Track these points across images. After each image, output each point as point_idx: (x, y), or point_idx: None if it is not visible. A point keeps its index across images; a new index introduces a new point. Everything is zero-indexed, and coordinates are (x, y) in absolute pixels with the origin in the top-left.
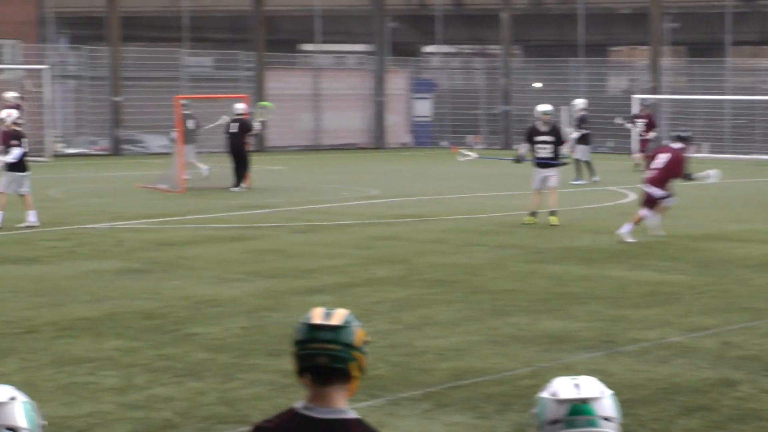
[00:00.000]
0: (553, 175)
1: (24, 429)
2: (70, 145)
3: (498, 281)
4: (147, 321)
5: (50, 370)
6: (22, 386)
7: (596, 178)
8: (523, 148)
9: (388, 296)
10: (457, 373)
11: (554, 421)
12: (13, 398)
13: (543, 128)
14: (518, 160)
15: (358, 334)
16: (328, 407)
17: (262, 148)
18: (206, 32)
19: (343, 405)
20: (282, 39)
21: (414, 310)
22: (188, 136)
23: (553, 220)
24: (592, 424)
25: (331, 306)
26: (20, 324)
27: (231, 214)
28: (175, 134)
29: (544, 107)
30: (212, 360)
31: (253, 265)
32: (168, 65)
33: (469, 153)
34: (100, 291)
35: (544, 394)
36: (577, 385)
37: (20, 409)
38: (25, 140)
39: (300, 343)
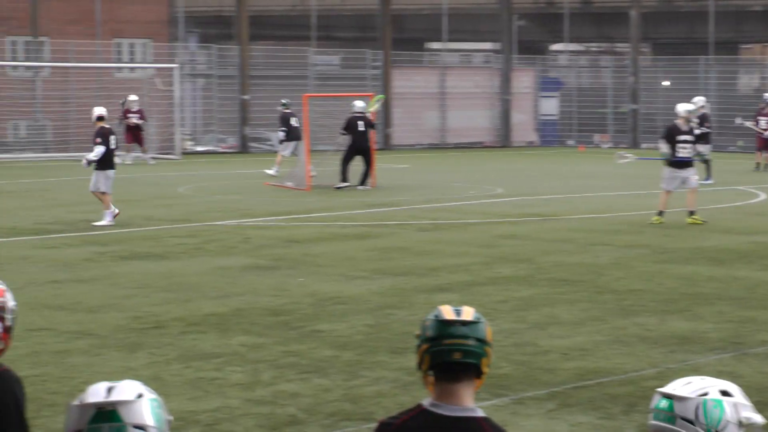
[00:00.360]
0: (693, 175)
1: (151, 427)
2: (198, 142)
3: (624, 281)
4: (273, 317)
5: (178, 365)
6: (150, 381)
7: (710, 180)
8: (665, 147)
9: (512, 295)
10: (582, 372)
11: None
12: (140, 395)
13: (684, 127)
14: (669, 159)
15: (488, 329)
16: (457, 405)
17: (387, 147)
18: (333, 31)
19: (471, 402)
20: (409, 37)
21: (539, 310)
22: (293, 134)
23: (693, 219)
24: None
25: (456, 304)
26: (149, 319)
27: (356, 211)
28: (282, 134)
29: (686, 106)
30: (337, 357)
31: (378, 262)
32: (295, 63)
33: (627, 155)
34: (227, 287)
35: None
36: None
37: (147, 406)
38: (113, 137)
39: (431, 340)
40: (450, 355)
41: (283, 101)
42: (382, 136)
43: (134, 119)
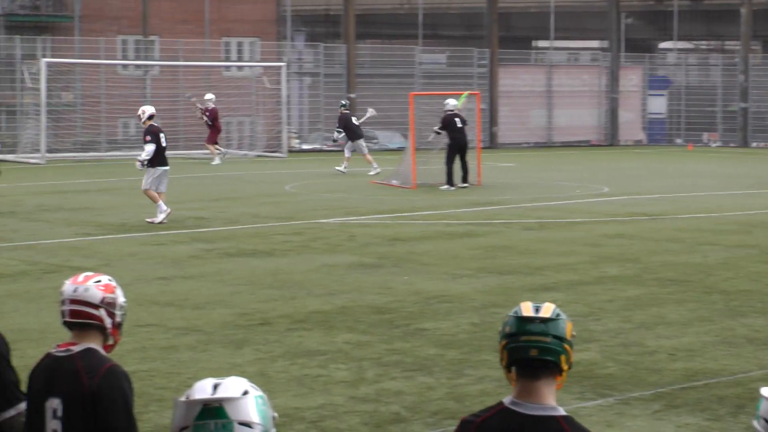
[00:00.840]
0: None
1: (257, 424)
2: (305, 141)
3: (733, 281)
4: (378, 315)
5: (283, 362)
6: (256, 377)
7: None
8: None
9: (619, 295)
10: (689, 373)
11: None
12: (245, 392)
13: None
14: None
15: (568, 326)
16: (538, 403)
17: (493, 145)
18: (440, 29)
19: (552, 401)
20: (515, 35)
21: (645, 309)
22: (354, 133)
23: None
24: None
25: (561, 304)
26: (255, 316)
27: (461, 210)
28: (338, 135)
29: None
30: (441, 355)
31: (483, 261)
32: (402, 62)
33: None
34: (332, 285)
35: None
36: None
37: (253, 403)
38: (162, 135)
39: (510, 336)
40: (527, 352)
41: (343, 102)
42: (487, 134)
43: (204, 119)
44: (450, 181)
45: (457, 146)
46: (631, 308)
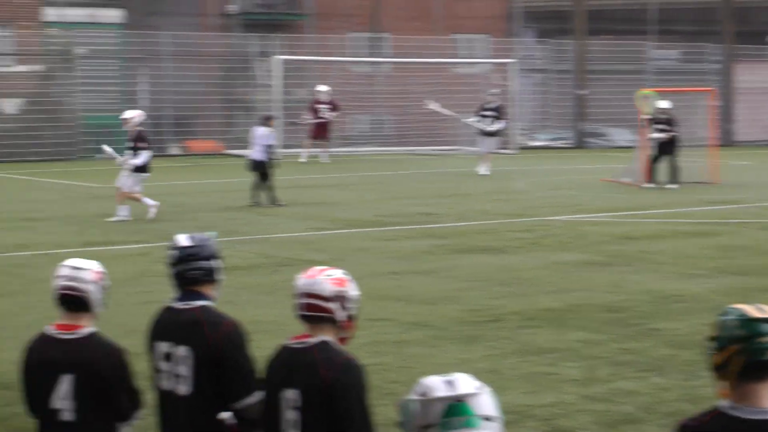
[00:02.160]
0: None
1: (496, 418)
2: (533, 137)
3: None
4: (609, 314)
5: (514, 359)
6: (486, 374)
7: None
8: None
9: None
10: None
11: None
12: (481, 388)
13: None
14: None
15: None
16: (758, 407)
17: (728, 143)
18: (673, 24)
19: None
20: (752, 30)
21: None
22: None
23: None
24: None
25: None
26: (486, 312)
27: (695, 209)
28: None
29: None
30: (675, 356)
31: (719, 261)
32: (633, 58)
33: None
34: (562, 282)
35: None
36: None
37: (489, 398)
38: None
39: (743, 340)
40: (764, 354)
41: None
42: (723, 131)
43: (325, 112)
44: (657, 179)
45: (665, 145)
46: None
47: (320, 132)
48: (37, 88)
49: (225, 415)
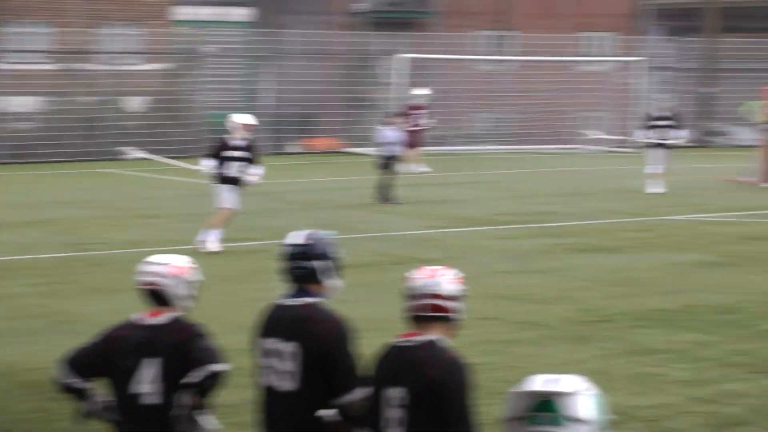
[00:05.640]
0: None
1: (588, 421)
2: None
3: None
4: (722, 315)
5: (623, 359)
6: (595, 374)
7: None
8: None
9: None
10: None
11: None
12: (580, 390)
13: None
14: None
15: None
16: None
17: None
18: None
19: None
20: None
21: None
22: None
23: None
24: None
25: None
26: (597, 312)
27: None
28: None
29: None
30: None
31: None
32: (765, 56)
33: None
34: (676, 283)
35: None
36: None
37: (585, 401)
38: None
39: None
40: None
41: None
42: None
43: (422, 118)
44: None
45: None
46: None
47: (413, 141)
48: (163, 86)
49: (325, 413)
